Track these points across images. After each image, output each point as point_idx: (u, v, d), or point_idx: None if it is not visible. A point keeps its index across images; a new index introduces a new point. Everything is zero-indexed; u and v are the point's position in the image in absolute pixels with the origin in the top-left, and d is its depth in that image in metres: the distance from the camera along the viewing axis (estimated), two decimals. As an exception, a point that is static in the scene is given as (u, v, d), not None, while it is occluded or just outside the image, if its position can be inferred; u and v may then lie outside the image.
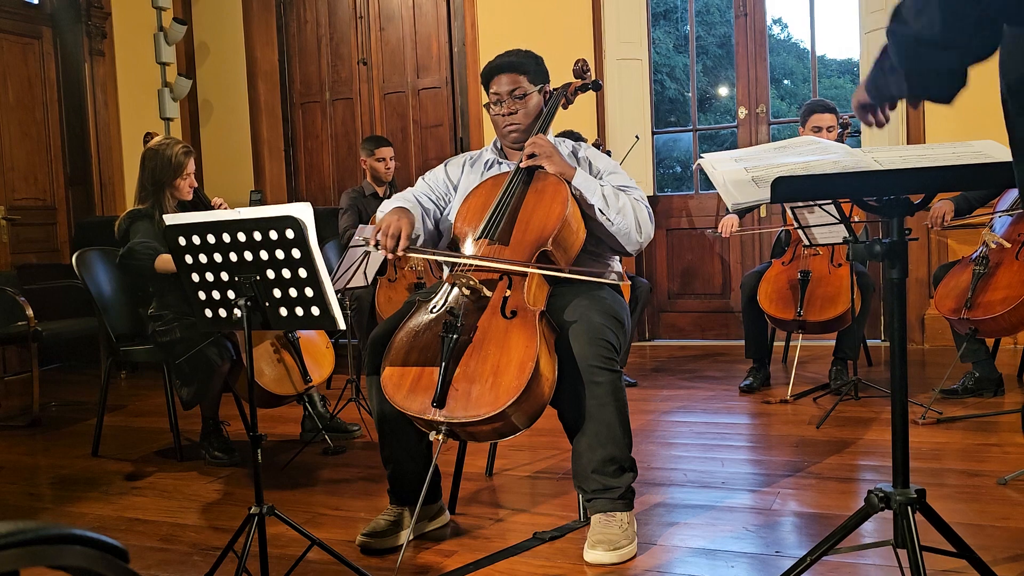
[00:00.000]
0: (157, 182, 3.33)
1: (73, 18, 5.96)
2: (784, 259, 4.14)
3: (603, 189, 2.42)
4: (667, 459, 3.10)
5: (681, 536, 2.35)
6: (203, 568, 2.18)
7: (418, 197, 2.59)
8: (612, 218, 2.40)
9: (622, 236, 2.42)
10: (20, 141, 5.77)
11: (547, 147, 2.44)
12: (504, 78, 2.55)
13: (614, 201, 2.41)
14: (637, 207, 2.44)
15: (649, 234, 2.47)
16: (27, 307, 4.19)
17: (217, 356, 3.14)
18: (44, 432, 4.06)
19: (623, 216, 2.41)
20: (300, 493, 2.91)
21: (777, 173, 1.69)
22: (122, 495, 3.00)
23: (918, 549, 1.65)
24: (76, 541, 0.86)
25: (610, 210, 2.40)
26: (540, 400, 2.13)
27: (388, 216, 2.34)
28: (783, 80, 14.39)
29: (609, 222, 2.40)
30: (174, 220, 2.01)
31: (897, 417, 1.76)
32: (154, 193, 3.33)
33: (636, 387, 4.36)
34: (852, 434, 3.28)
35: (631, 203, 2.43)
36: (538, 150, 2.43)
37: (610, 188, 2.44)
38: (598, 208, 2.39)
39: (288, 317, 1.99)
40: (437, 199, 2.62)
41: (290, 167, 6.72)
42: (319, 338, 3.54)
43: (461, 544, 2.37)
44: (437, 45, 6.17)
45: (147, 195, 3.35)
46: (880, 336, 5.24)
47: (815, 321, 3.87)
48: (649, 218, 2.46)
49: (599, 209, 2.39)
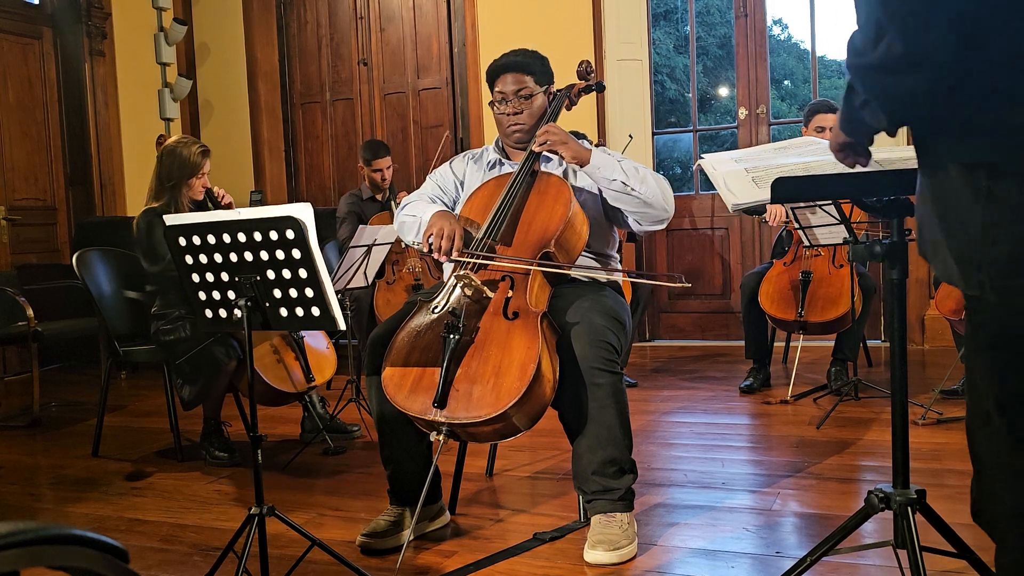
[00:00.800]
0: (173, 180, 3.33)
1: (73, 18, 5.96)
2: (785, 260, 4.14)
3: (622, 164, 2.42)
4: (667, 459, 3.10)
5: (681, 536, 2.35)
6: (203, 568, 2.18)
7: (432, 199, 2.60)
8: (638, 188, 2.38)
9: (653, 204, 2.40)
10: (20, 141, 5.77)
11: (561, 134, 2.43)
12: (510, 77, 2.55)
13: (635, 173, 2.40)
14: (657, 178, 2.45)
15: (673, 204, 2.46)
16: (27, 307, 4.19)
17: (224, 355, 3.14)
18: (44, 432, 4.06)
19: (647, 185, 2.40)
20: (300, 493, 2.91)
21: (777, 174, 1.69)
22: (122, 495, 3.00)
23: (918, 549, 1.65)
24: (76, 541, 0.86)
25: (633, 181, 2.39)
26: (541, 401, 2.13)
27: (438, 219, 2.36)
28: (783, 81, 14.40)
29: (637, 192, 2.38)
30: (174, 220, 2.01)
31: (897, 417, 1.76)
32: (170, 191, 3.34)
33: (636, 387, 4.36)
34: (852, 435, 3.28)
35: (650, 175, 2.44)
36: (552, 137, 2.42)
37: (628, 162, 2.44)
38: (621, 181, 2.38)
39: (288, 317, 1.99)
40: (448, 199, 2.63)
41: (290, 167, 6.72)
42: (325, 343, 3.55)
43: (461, 544, 2.37)
44: (437, 45, 6.17)
45: (163, 192, 3.35)
46: (880, 337, 5.24)
47: (816, 322, 3.87)
48: (669, 188, 2.46)
49: (622, 182, 2.38)
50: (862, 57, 1.10)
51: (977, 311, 1.08)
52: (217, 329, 2.12)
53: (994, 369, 1.07)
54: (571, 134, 2.49)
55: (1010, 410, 1.07)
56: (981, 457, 1.15)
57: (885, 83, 1.10)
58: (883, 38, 1.04)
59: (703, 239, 5.77)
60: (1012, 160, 1.00)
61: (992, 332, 1.07)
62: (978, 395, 1.11)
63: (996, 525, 1.15)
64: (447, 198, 2.63)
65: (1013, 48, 0.99)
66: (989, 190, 1.01)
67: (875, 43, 1.06)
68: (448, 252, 2.30)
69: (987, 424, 1.11)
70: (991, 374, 1.08)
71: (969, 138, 1.04)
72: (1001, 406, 1.07)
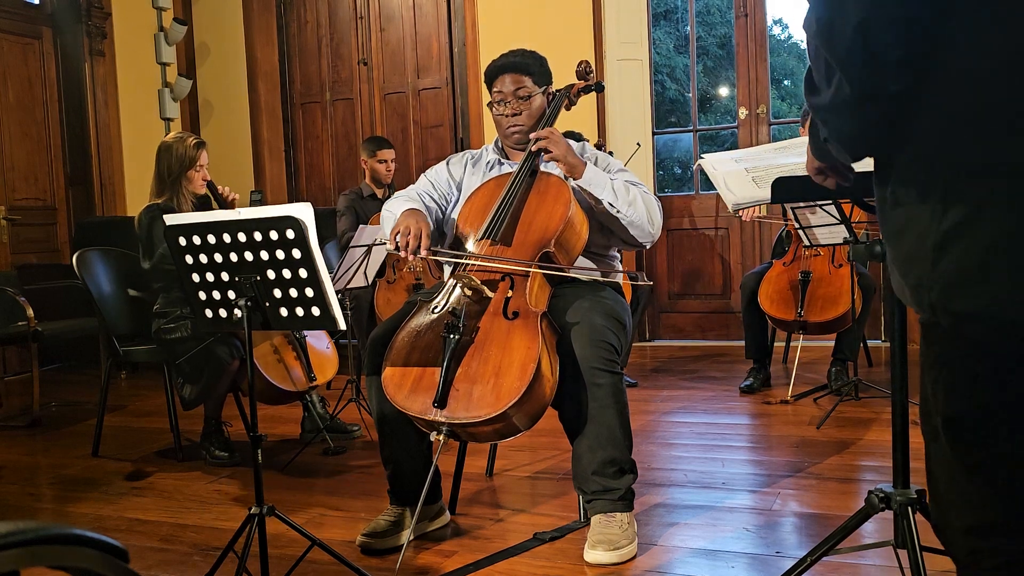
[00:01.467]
0: (173, 175, 3.34)
1: (73, 18, 5.96)
2: (785, 259, 4.14)
3: (613, 183, 2.42)
4: (667, 459, 3.10)
5: (681, 536, 2.34)
6: (203, 568, 2.18)
7: (421, 196, 2.58)
8: (624, 211, 2.39)
9: (636, 228, 2.42)
10: (20, 141, 5.77)
11: (561, 143, 2.42)
12: (508, 78, 2.55)
13: (624, 195, 2.40)
14: (647, 199, 2.45)
15: (660, 225, 2.48)
16: (27, 307, 4.19)
17: (227, 355, 3.14)
18: (44, 432, 4.06)
19: (634, 208, 2.40)
20: (300, 493, 2.91)
21: (777, 173, 1.69)
22: (122, 495, 3.00)
23: (918, 549, 1.65)
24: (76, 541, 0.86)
25: (621, 203, 2.39)
26: (541, 401, 2.13)
27: (405, 218, 2.34)
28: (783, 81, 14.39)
29: (622, 215, 2.39)
30: (174, 220, 2.00)
31: (897, 417, 1.76)
32: (171, 186, 3.35)
33: (637, 387, 4.36)
34: (852, 434, 3.28)
35: (640, 195, 2.43)
36: (550, 144, 2.40)
37: (620, 182, 2.44)
38: (607, 202, 2.38)
39: (288, 317, 1.99)
40: (440, 198, 2.62)
41: (290, 167, 6.72)
42: (327, 343, 3.56)
43: (461, 544, 2.37)
44: (437, 45, 6.17)
45: (164, 188, 3.36)
46: (880, 336, 5.24)
47: (816, 322, 3.87)
48: (658, 209, 2.47)
49: (609, 203, 2.39)
50: (816, 97, 1.09)
51: (928, 329, 1.09)
52: (217, 329, 2.12)
53: (940, 387, 1.08)
54: (568, 134, 2.49)
55: (954, 428, 1.07)
56: (933, 472, 1.15)
57: (839, 124, 1.09)
58: (833, 77, 1.04)
59: (703, 239, 5.77)
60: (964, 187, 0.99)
61: (938, 351, 1.08)
62: (927, 411, 1.12)
63: (950, 541, 1.15)
64: (437, 196, 2.61)
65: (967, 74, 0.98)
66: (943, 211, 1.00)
67: (827, 82, 1.06)
68: (416, 250, 2.27)
69: (935, 440, 1.11)
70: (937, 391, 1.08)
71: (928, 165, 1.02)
72: (946, 423, 1.07)
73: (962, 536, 1.11)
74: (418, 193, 2.59)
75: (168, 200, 3.33)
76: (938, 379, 1.08)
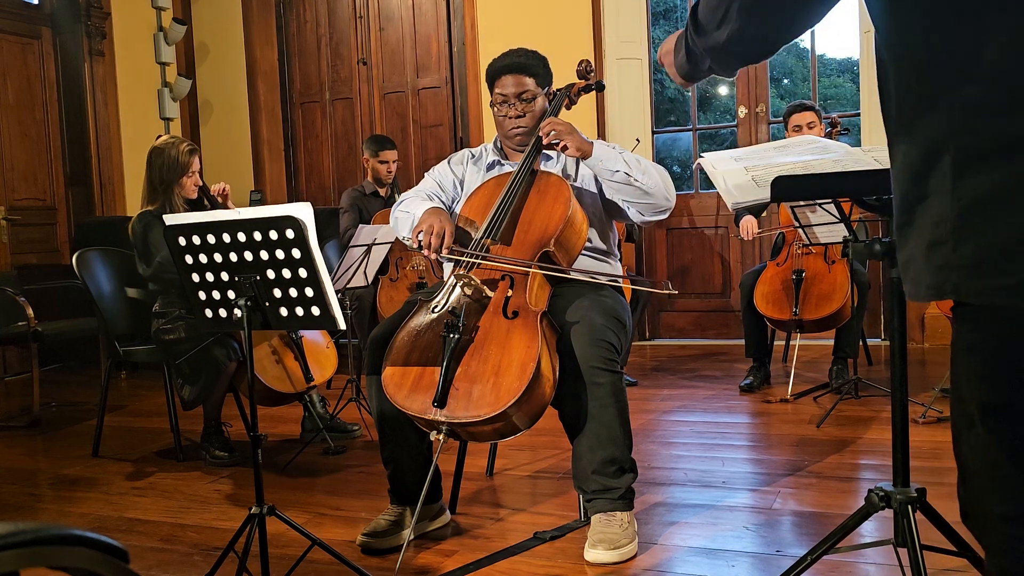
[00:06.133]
0: (165, 181, 3.32)
1: (73, 18, 5.96)
2: (778, 260, 4.15)
3: (624, 155, 2.43)
4: (667, 458, 3.10)
5: (681, 535, 2.35)
6: (203, 568, 2.18)
7: (430, 195, 2.59)
8: (640, 178, 2.39)
9: (655, 194, 2.42)
10: (20, 141, 5.77)
11: (566, 126, 2.42)
12: (511, 79, 2.55)
13: (636, 165, 2.41)
14: (659, 169, 2.47)
15: (675, 195, 2.48)
16: (27, 307, 4.19)
17: (225, 357, 3.14)
18: (44, 432, 4.06)
19: (649, 176, 2.41)
20: (300, 493, 2.91)
21: (777, 172, 1.69)
22: (122, 495, 3.00)
23: (919, 548, 1.65)
24: (76, 542, 0.86)
25: (636, 171, 2.40)
26: (541, 401, 2.13)
27: (428, 216, 2.35)
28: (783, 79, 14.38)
29: (639, 183, 2.39)
30: (174, 220, 2.00)
31: (897, 416, 1.76)
32: (163, 193, 3.33)
33: (636, 386, 4.36)
34: (852, 433, 3.28)
35: (652, 166, 2.45)
36: (558, 127, 2.41)
37: (629, 154, 2.45)
38: (624, 172, 2.38)
39: (288, 317, 1.99)
40: (447, 197, 2.63)
41: (290, 167, 6.72)
42: (323, 338, 3.54)
43: (461, 544, 2.37)
44: (437, 45, 6.17)
45: (156, 195, 3.34)
46: (880, 335, 5.24)
47: (812, 319, 3.88)
48: (669, 180, 2.48)
49: (625, 172, 2.38)
50: (705, 37, 1.18)
51: (960, 314, 1.08)
52: (217, 329, 2.12)
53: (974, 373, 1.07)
54: None
55: (994, 414, 1.06)
56: (966, 460, 1.14)
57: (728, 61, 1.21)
58: (726, 22, 1.10)
59: (703, 238, 5.76)
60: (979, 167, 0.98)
61: (970, 337, 1.07)
62: (961, 398, 1.11)
63: (983, 529, 1.14)
64: (445, 196, 2.63)
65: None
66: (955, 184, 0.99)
67: (718, 25, 1.11)
68: (438, 249, 2.28)
69: (970, 428, 1.10)
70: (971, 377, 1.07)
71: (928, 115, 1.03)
72: (984, 411, 1.06)
73: (999, 523, 1.10)
74: (427, 194, 2.59)
75: (160, 207, 3.31)
76: (972, 364, 1.07)
